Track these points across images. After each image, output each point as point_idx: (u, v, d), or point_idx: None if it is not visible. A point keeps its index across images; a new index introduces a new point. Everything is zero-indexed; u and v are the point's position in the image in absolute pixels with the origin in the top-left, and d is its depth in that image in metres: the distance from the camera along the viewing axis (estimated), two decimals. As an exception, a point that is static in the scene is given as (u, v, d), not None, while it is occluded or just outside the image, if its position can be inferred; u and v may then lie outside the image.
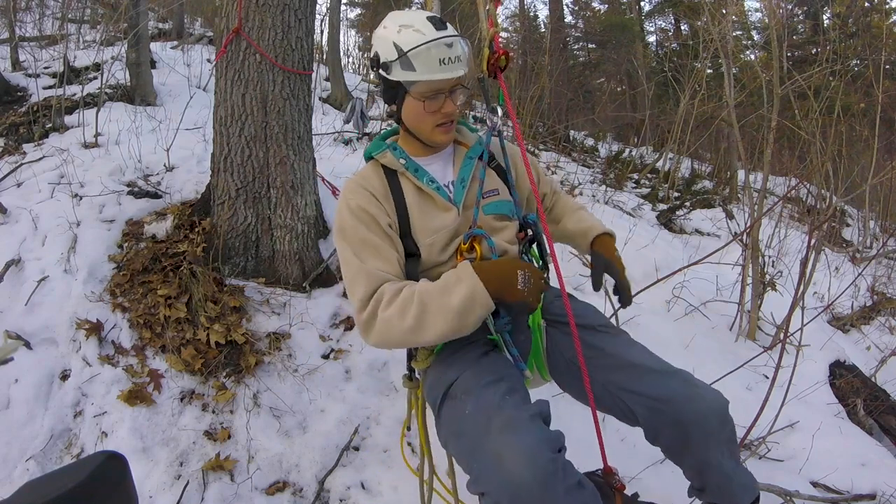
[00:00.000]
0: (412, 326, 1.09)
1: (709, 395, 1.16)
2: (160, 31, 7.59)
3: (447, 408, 1.17)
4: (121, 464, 0.76)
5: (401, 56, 1.16)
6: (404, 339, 1.13)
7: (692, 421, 1.12)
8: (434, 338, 1.10)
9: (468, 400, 1.11)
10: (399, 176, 1.30)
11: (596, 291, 1.35)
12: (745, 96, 5.52)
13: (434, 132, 1.26)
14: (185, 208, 2.75)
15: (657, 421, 1.16)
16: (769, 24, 4.17)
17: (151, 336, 2.17)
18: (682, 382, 1.17)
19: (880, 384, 2.81)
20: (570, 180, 5.67)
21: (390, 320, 1.11)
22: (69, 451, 1.83)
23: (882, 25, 8.44)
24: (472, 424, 1.06)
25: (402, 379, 1.42)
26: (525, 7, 15.60)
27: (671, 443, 1.18)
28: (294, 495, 1.79)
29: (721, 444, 1.16)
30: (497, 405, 1.07)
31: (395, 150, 1.32)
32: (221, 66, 2.47)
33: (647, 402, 1.15)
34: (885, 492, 1.97)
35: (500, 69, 1.28)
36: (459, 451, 1.10)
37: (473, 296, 1.07)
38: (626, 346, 1.27)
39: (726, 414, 1.16)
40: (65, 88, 4.00)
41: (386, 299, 1.13)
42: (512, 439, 0.97)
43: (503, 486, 0.93)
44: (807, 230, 4.03)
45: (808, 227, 3.92)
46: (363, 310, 1.15)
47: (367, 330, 1.15)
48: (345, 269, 1.22)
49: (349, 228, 1.23)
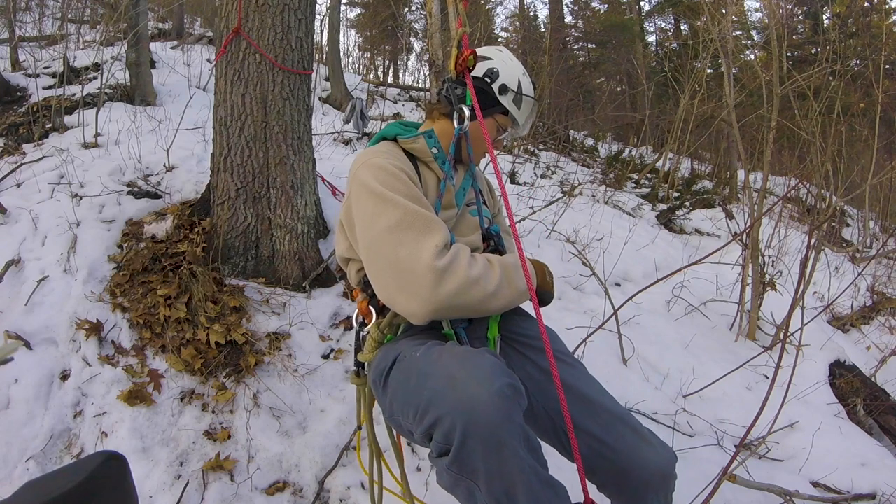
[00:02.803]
0: (493, 291, 1.07)
1: (658, 452, 1.12)
2: (160, 31, 7.60)
3: (395, 371, 1.09)
4: (121, 464, 0.76)
5: (517, 94, 1.35)
6: (479, 304, 1.06)
7: (636, 475, 1.09)
8: (499, 307, 1.10)
9: (418, 350, 1.04)
10: (419, 164, 1.31)
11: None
12: (745, 96, 5.53)
13: (480, 153, 1.40)
14: (184, 208, 2.75)
15: (597, 463, 1.12)
16: (769, 24, 4.17)
17: (151, 336, 2.17)
18: (632, 431, 1.13)
19: (880, 384, 2.81)
20: (570, 180, 5.68)
21: (478, 280, 1.04)
22: (69, 451, 1.83)
23: (882, 25, 8.44)
24: (423, 362, 0.98)
25: (350, 376, 1.36)
26: (525, 7, 15.63)
27: (609, 486, 1.15)
28: (294, 495, 1.79)
29: (658, 498, 1.13)
30: (448, 345, 1.03)
31: (430, 138, 1.32)
32: (221, 66, 2.47)
33: (593, 442, 1.11)
34: (885, 492, 1.97)
35: (468, 69, 1.28)
36: (405, 395, 0.99)
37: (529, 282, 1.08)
38: (581, 378, 1.22)
39: (672, 471, 1.13)
40: (65, 88, 4.01)
41: (467, 256, 1.06)
42: (467, 362, 0.90)
43: (457, 405, 0.84)
44: (807, 230, 4.03)
45: (808, 227, 3.92)
46: (440, 257, 1.02)
47: (443, 280, 1.01)
48: (399, 214, 1.06)
49: (399, 180, 1.14)
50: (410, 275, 1.02)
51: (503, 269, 1.12)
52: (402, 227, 1.05)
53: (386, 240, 1.05)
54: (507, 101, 1.33)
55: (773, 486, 1.82)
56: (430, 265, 1.00)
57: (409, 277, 1.02)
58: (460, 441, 0.83)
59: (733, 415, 2.35)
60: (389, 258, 1.05)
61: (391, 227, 1.06)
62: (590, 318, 2.79)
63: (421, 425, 0.90)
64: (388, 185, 1.12)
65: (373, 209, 1.10)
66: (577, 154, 7.30)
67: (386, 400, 1.11)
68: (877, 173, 5.26)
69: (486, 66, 1.32)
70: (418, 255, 1.02)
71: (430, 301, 1.02)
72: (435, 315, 1.05)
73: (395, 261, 1.04)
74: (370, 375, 1.22)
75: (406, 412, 0.97)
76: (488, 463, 0.83)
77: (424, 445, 0.96)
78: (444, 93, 1.34)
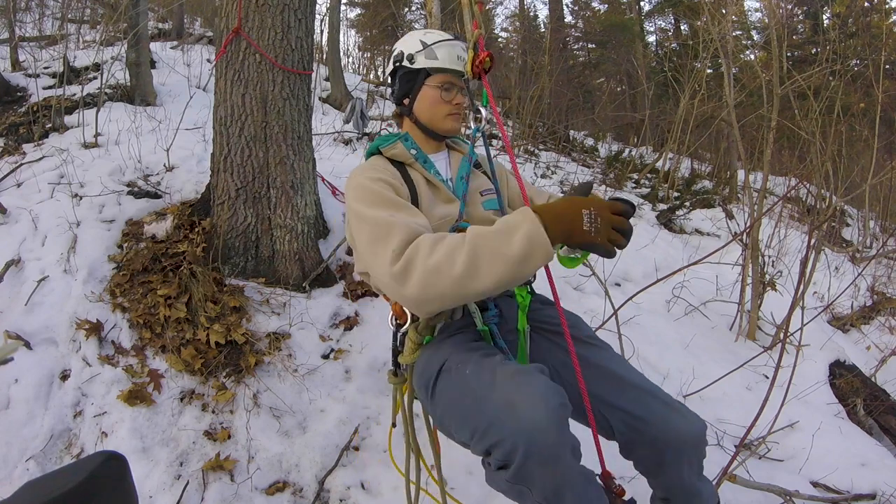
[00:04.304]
0: (463, 273, 0.96)
1: (689, 419, 1.18)
2: (160, 31, 7.60)
3: (443, 381, 1.14)
4: (121, 464, 0.77)
5: (426, 48, 1.35)
6: (454, 289, 0.97)
7: (669, 443, 1.15)
8: (490, 286, 0.96)
9: (467, 366, 1.10)
10: (407, 167, 1.36)
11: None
12: (745, 96, 5.52)
13: (446, 119, 1.38)
14: (184, 208, 2.75)
15: (633, 438, 1.17)
16: (769, 24, 4.17)
17: (151, 336, 2.17)
18: (662, 404, 1.18)
19: (880, 384, 2.81)
20: (570, 180, 5.68)
21: (438, 267, 0.97)
22: (69, 451, 1.83)
23: (882, 25, 8.44)
24: (476, 382, 1.05)
25: (388, 374, 1.39)
26: (525, 7, 15.63)
27: (645, 461, 1.21)
28: (294, 495, 1.79)
29: (694, 466, 1.20)
30: (499, 362, 1.08)
31: (406, 140, 1.39)
32: (221, 66, 2.47)
33: (626, 417, 1.17)
34: (885, 492, 1.97)
35: (485, 71, 1.29)
36: (462, 413, 1.05)
37: (533, 241, 0.94)
38: (610, 358, 1.27)
39: (703, 438, 1.19)
40: (65, 88, 4.01)
41: (427, 246, 1.01)
42: (522, 386, 0.97)
43: (519, 431, 0.92)
44: (807, 230, 4.03)
45: (808, 227, 3.92)
46: (395, 261, 1.02)
47: (404, 281, 1.00)
48: (368, 228, 1.10)
49: (373, 193, 1.17)
50: (385, 283, 1.06)
51: (476, 241, 0.97)
52: (373, 240, 1.09)
53: (367, 255, 1.11)
54: (422, 61, 1.35)
55: (773, 486, 1.82)
56: (389, 272, 1.03)
57: (386, 286, 1.06)
58: (521, 461, 0.92)
59: (733, 415, 2.35)
60: (373, 271, 1.11)
61: (367, 242, 1.11)
62: (590, 318, 2.79)
63: (480, 444, 0.99)
64: (364, 201, 1.17)
65: (357, 227, 1.16)
66: (577, 154, 7.29)
67: (436, 410, 1.17)
68: (877, 173, 5.25)
69: (392, 56, 1.41)
70: (382, 264, 1.05)
71: (407, 303, 1.05)
72: (424, 310, 1.07)
73: (375, 273, 1.09)
74: (416, 380, 1.27)
75: (462, 429, 1.05)
76: (544, 475, 0.94)
77: (478, 455, 1.04)
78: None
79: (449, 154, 1.47)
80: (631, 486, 1.80)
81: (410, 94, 1.38)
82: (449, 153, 1.47)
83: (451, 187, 1.38)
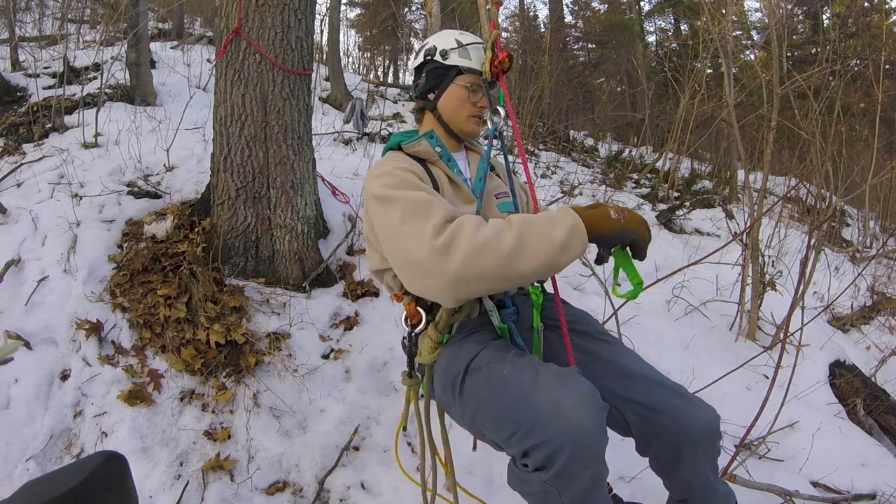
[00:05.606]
0: (510, 251, 0.98)
1: (702, 409, 1.18)
2: (160, 31, 7.60)
3: (471, 380, 1.13)
4: (121, 464, 0.76)
5: (461, 46, 1.36)
6: (497, 269, 0.99)
7: (684, 434, 1.15)
8: (530, 270, 1.00)
9: (502, 366, 1.09)
10: (430, 165, 1.35)
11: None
12: (745, 96, 5.52)
13: (468, 121, 1.39)
14: (184, 208, 2.75)
15: (649, 430, 1.17)
16: (769, 24, 4.17)
17: (151, 336, 2.17)
18: (674, 394, 1.18)
19: (880, 384, 2.81)
20: (570, 180, 5.68)
21: (486, 243, 0.99)
22: (69, 451, 1.83)
23: (882, 25, 8.44)
24: (517, 382, 1.04)
25: (402, 376, 1.37)
26: (525, 7, 15.63)
27: (662, 455, 1.20)
28: (294, 495, 1.79)
29: (709, 460, 1.19)
30: (539, 362, 1.08)
31: (431, 138, 1.38)
32: (221, 66, 2.47)
33: (640, 409, 1.17)
34: (885, 492, 1.97)
35: (503, 71, 1.29)
36: (500, 412, 1.04)
37: (574, 230, 1.01)
38: (621, 353, 1.28)
39: (717, 429, 1.19)
40: (65, 88, 4.01)
41: (472, 224, 1.02)
42: (567, 387, 0.98)
43: (565, 432, 0.92)
44: (807, 230, 4.03)
45: (808, 227, 3.92)
46: (438, 234, 1.02)
47: (446, 255, 1.00)
48: (401, 206, 1.10)
49: (404, 179, 1.17)
50: (421, 261, 1.04)
51: (524, 224, 1.01)
52: (406, 218, 1.08)
53: (397, 237, 1.09)
54: (455, 59, 1.36)
55: (773, 486, 1.82)
56: (430, 246, 1.02)
57: (421, 264, 1.04)
58: (566, 461, 0.93)
59: (733, 415, 2.35)
60: (403, 253, 1.08)
61: (398, 223, 1.09)
62: (590, 318, 2.79)
63: (520, 444, 0.98)
64: (391, 186, 1.16)
65: (383, 212, 1.14)
66: (577, 154, 7.29)
67: (465, 409, 1.15)
68: (877, 173, 5.25)
69: (423, 50, 1.40)
70: (421, 240, 1.03)
71: (444, 280, 1.02)
72: (459, 293, 1.04)
73: (407, 253, 1.07)
74: (437, 379, 1.24)
75: (499, 429, 1.03)
76: (584, 476, 0.95)
77: (513, 455, 1.04)
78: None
79: (468, 154, 1.49)
80: (631, 486, 1.81)
81: (437, 89, 1.38)
82: (468, 153, 1.49)
83: (471, 187, 1.39)
